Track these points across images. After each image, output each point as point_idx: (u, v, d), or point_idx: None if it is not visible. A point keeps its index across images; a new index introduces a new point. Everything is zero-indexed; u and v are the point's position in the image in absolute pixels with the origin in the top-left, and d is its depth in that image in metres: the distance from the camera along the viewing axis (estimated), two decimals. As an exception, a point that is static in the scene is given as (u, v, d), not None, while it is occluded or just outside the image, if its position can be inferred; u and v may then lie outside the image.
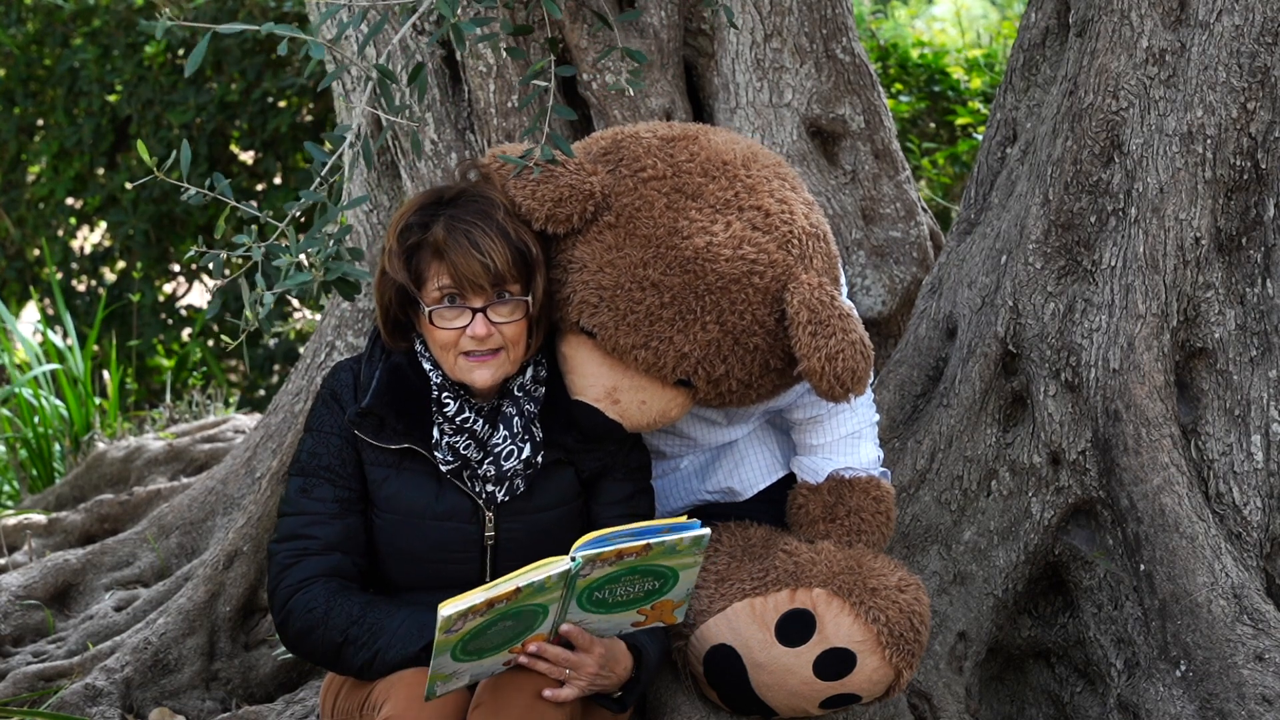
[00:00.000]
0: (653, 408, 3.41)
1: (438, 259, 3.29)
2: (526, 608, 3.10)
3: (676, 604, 3.25)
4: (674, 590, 3.21)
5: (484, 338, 3.30)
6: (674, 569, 3.17)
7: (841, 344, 3.31)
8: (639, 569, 3.14)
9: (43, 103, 7.87)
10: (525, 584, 3.05)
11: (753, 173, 3.43)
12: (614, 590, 3.16)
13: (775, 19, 4.17)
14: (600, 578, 3.12)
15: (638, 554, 3.11)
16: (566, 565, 3.07)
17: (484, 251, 3.27)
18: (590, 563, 3.09)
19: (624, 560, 3.11)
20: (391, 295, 3.36)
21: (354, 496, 3.39)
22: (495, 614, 3.06)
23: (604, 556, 3.09)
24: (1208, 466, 3.86)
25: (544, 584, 3.07)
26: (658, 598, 3.21)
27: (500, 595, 3.04)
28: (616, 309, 3.34)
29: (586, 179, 3.37)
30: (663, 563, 3.15)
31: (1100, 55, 3.89)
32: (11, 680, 4.12)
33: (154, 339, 7.76)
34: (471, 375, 3.34)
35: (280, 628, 3.36)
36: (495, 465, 3.36)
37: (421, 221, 3.32)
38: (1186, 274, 3.86)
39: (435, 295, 3.30)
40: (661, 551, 3.13)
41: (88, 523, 5.00)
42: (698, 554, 3.16)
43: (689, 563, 3.17)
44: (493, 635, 3.11)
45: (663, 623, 3.28)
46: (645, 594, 3.19)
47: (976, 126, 6.66)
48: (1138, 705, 3.75)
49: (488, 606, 3.04)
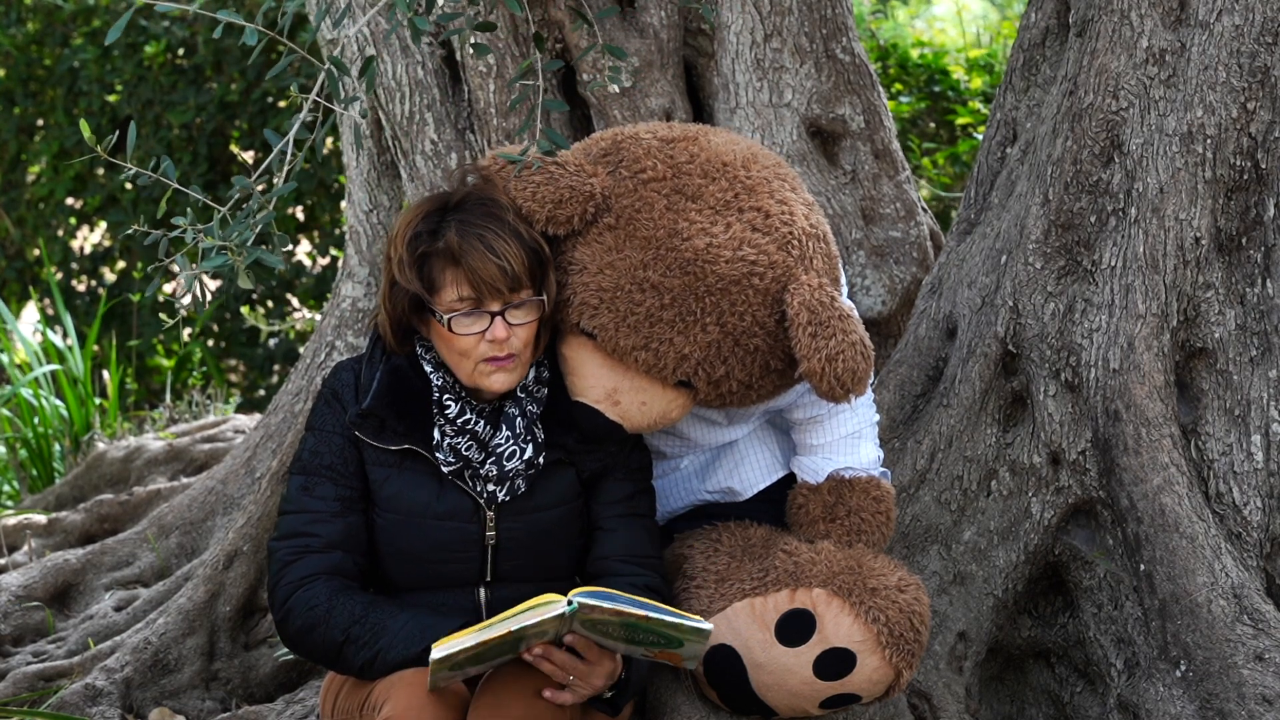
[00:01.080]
0: (653, 409, 3.41)
1: (453, 265, 3.28)
2: (523, 638, 3.11)
3: (685, 659, 3.24)
4: (682, 650, 3.20)
5: (503, 340, 3.29)
6: (679, 638, 3.16)
7: (842, 345, 3.31)
8: (641, 627, 3.13)
9: (43, 103, 7.87)
10: (518, 628, 3.05)
11: (753, 174, 3.43)
12: (617, 630, 3.15)
13: (775, 19, 4.17)
14: (599, 620, 3.12)
15: (637, 619, 3.10)
16: (562, 609, 3.06)
17: (500, 254, 3.26)
18: (589, 608, 3.08)
19: (623, 619, 3.11)
20: (404, 305, 3.34)
21: (355, 495, 3.39)
22: (488, 648, 3.07)
23: (601, 610, 3.08)
24: (1208, 466, 3.86)
25: (539, 626, 3.07)
26: (665, 648, 3.21)
27: (492, 639, 3.05)
28: (617, 310, 3.34)
29: (587, 180, 3.37)
30: (664, 631, 3.14)
31: (1100, 55, 3.89)
32: (11, 680, 4.12)
33: (154, 339, 7.76)
34: (490, 381, 3.33)
35: (280, 625, 3.36)
36: (498, 465, 3.36)
37: (430, 229, 3.31)
38: (1186, 274, 3.86)
39: (453, 303, 3.29)
40: (661, 625, 3.12)
41: (88, 523, 5.00)
42: (701, 640, 3.15)
43: (693, 640, 3.16)
44: (491, 653, 3.12)
45: (671, 664, 3.27)
46: (652, 642, 3.19)
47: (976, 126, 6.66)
48: (1138, 705, 3.75)
49: (480, 646, 3.06)
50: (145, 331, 7.68)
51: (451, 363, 3.36)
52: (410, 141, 4.22)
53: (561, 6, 4.03)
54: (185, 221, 3.37)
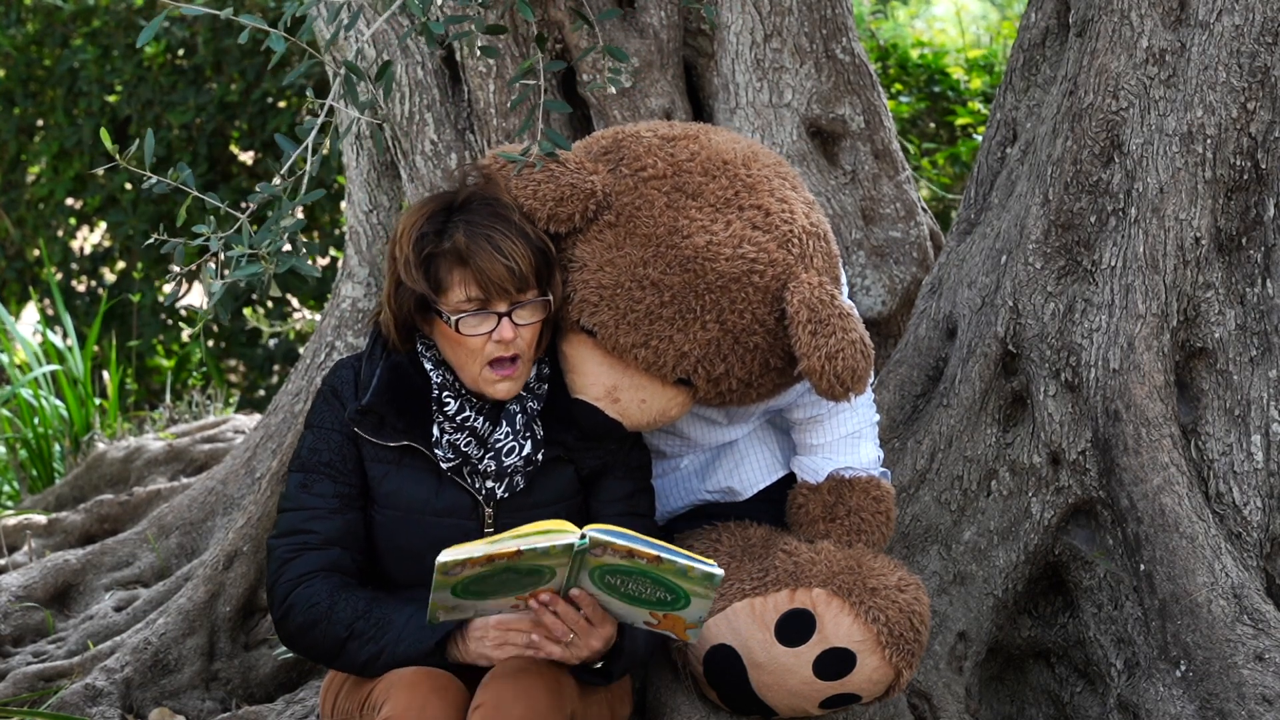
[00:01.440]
0: (653, 407, 3.41)
1: (460, 266, 3.28)
2: (532, 566, 3.09)
3: (690, 624, 3.22)
4: (686, 611, 3.18)
5: (510, 341, 3.30)
6: (685, 591, 3.15)
7: (841, 343, 3.31)
8: (650, 574, 3.12)
9: (43, 103, 7.87)
10: (528, 548, 3.04)
11: (753, 172, 3.43)
12: (625, 582, 3.14)
13: (775, 19, 4.17)
14: (610, 564, 3.10)
15: (648, 560, 3.09)
16: (574, 539, 3.06)
17: (507, 255, 3.26)
18: (600, 546, 3.08)
19: (634, 560, 3.09)
20: (410, 305, 3.34)
21: (354, 493, 3.39)
22: (496, 568, 3.06)
23: (615, 548, 3.07)
24: (1208, 466, 3.86)
25: (548, 551, 3.05)
26: (669, 609, 3.19)
27: (501, 553, 3.04)
28: (616, 308, 3.34)
29: (587, 178, 3.37)
30: (673, 579, 3.13)
31: (1100, 55, 3.89)
32: (11, 680, 4.12)
33: (154, 339, 7.76)
34: (494, 388, 3.33)
35: (279, 623, 3.35)
36: (496, 461, 3.36)
37: (436, 229, 3.30)
38: (1186, 274, 3.86)
39: (460, 304, 3.29)
40: (672, 570, 3.10)
41: (88, 523, 5.00)
42: (709, 589, 3.13)
43: (701, 593, 3.14)
44: (495, 583, 3.10)
45: (674, 635, 3.26)
46: (657, 600, 3.17)
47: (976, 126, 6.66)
48: (1138, 705, 3.75)
49: (487, 560, 3.04)
50: (145, 332, 7.68)
51: (457, 363, 3.36)
52: (410, 141, 4.22)
53: (562, 7, 4.03)
54: (209, 230, 3.36)
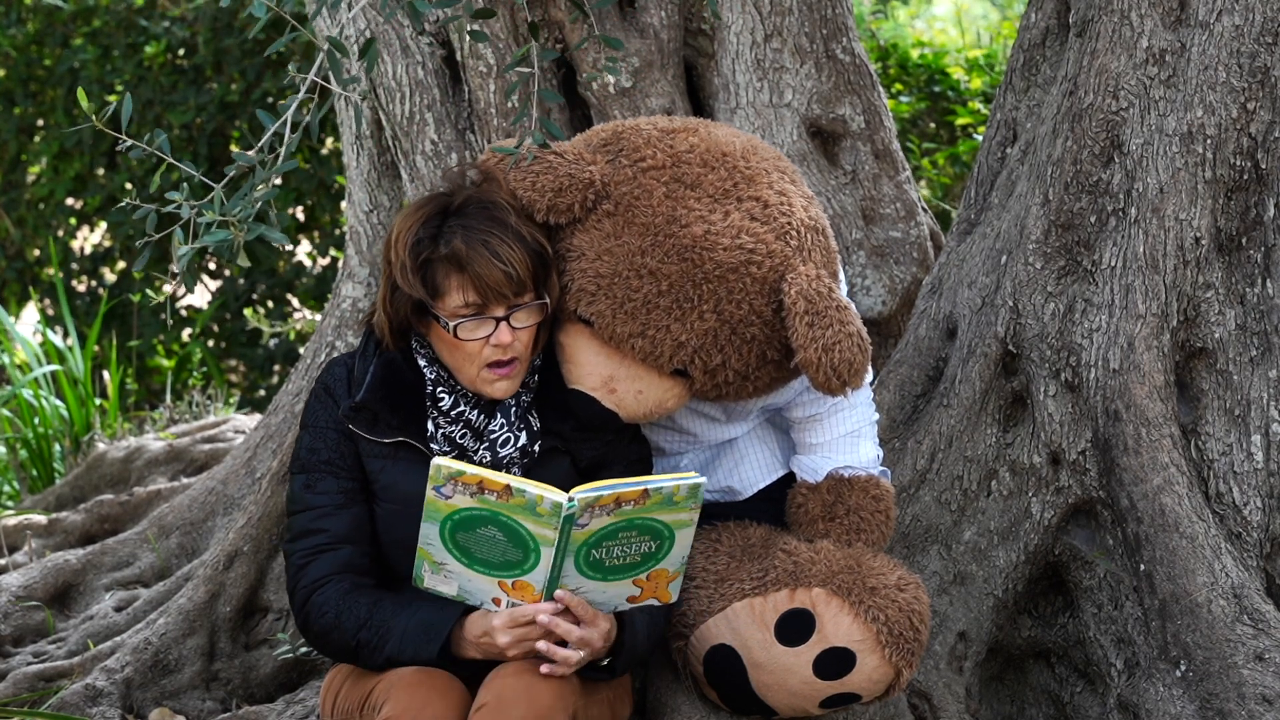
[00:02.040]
0: (649, 397, 3.42)
1: (458, 271, 3.28)
2: (518, 526, 3.10)
3: (671, 575, 3.25)
4: (670, 556, 3.21)
5: (508, 345, 3.30)
6: (670, 526, 3.17)
7: (839, 335, 3.31)
8: (636, 523, 3.14)
9: (43, 103, 7.87)
10: (517, 486, 3.08)
11: (752, 164, 3.43)
12: (610, 550, 3.16)
13: (775, 19, 4.17)
14: (598, 530, 3.12)
15: (635, 500, 3.11)
16: (562, 500, 3.08)
17: (505, 260, 3.27)
18: (588, 509, 3.10)
19: (621, 509, 3.12)
20: (406, 309, 3.35)
21: (357, 487, 3.40)
22: (485, 506, 3.08)
23: (602, 501, 3.10)
24: (1208, 466, 3.86)
25: (536, 502, 3.08)
26: (654, 563, 3.22)
27: (493, 483, 3.08)
28: (614, 297, 3.34)
29: (586, 168, 3.38)
30: (659, 516, 3.15)
31: (1100, 55, 3.89)
32: (11, 680, 4.12)
33: (154, 339, 7.76)
34: (493, 388, 3.34)
35: (302, 630, 3.39)
36: (491, 452, 3.37)
37: (432, 234, 3.31)
38: (1186, 274, 3.86)
39: (458, 309, 3.29)
40: (659, 501, 3.13)
41: (88, 523, 5.00)
42: (693, 507, 3.17)
43: (684, 519, 3.17)
44: (482, 540, 3.13)
45: (658, 600, 3.28)
46: (642, 557, 3.20)
47: (976, 126, 6.66)
48: (1138, 705, 3.75)
49: (478, 485, 3.08)
50: (145, 332, 7.68)
51: (455, 366, 3.36)
52: (410, 141, 4.22)
53: (561, 5, 4.03)
54: (180, 196, 3.34)
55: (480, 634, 3.23)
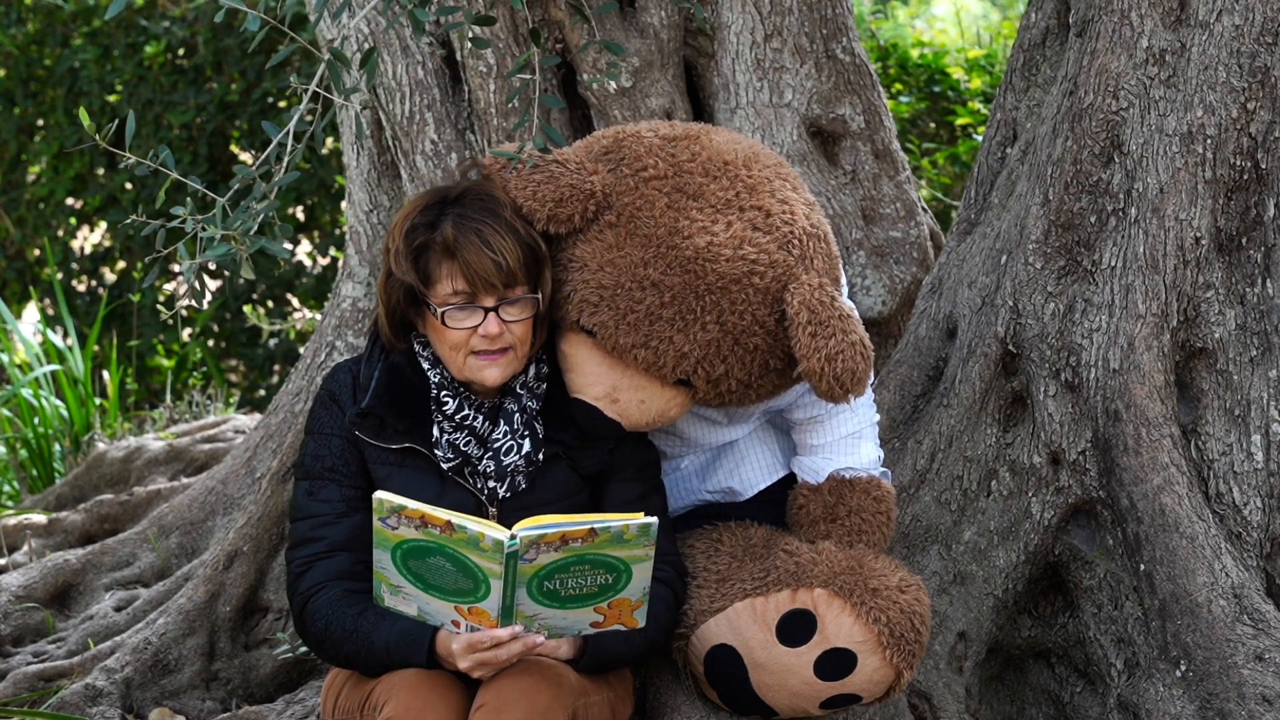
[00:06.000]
0: (652, 407, 3.42)
1: (448, 258, 3.29)
2: (464, 559, 3.09)
3: (635, 604, 3.22)
4: (629, 587, 3.18)
5: (496, 336, 3.30)
6: (625, 561, 3.14)
7: (841, 345, 3.31)
8: (588, 558, 3.11)
9: (43, 103, 7.87)
10: (458, 523, 3.06)
11: (754, 173, 3.43)
12: (564, 581, 3.14)
13: (775, 19, 4.17)
14: (546, 565, 3.10)
15: (583, 539, 3.09)
16: (503, 538, 3.06)
17: (496, 249, 3.28)
18: (533, 545, 3.07)
19: (569, 546, 3.09)
20: (399, 297, 3.36)
21: (360, 494, 3.40)
22: (430, 539, 3.07)
23: (547, 539, 3.07)
24: (1208, 466, 3.86)
25: (478, 539, 3.06)
26: (613, 594, 3.19)
27: (435, 519, 3.06)
28: (616, 308, 3.34)
29: (587, 178, 3.37)
30: (611, 552, 3.12)
31: (1100, 55, 3.89)
32: (11, 680, 4.12)
33: (154, 339, 7.76)
34: (482, 374, 3.34)
35: (302, 636, 3.40)
36: (495, 461, 3.37)
37: (428, 221, 3.32)
38: (1186, 274, 3.86)
39: (447, 296, 3.30)
40: (608, 539, 3.10)
41: (88, 523, 5.00)
42: (647, 545, 3.13)
43: (639, 555, 3.14)
44: (432, 568, 3.11)
45: (624, 625, 3.25)
46: (599, 589, 3.17)
47: (976, 126, 6.66)
48: (1138, 705, 3.75)
49: (421, 519, 3.06)
50: (145, 331, 7.68)
51: (443, 355, 3.37)
52: (410, 141, 4.22)
53: (561, 6, 4.03)
54: (185, 211, 3.37)
55: (448, 653, 3.24)
